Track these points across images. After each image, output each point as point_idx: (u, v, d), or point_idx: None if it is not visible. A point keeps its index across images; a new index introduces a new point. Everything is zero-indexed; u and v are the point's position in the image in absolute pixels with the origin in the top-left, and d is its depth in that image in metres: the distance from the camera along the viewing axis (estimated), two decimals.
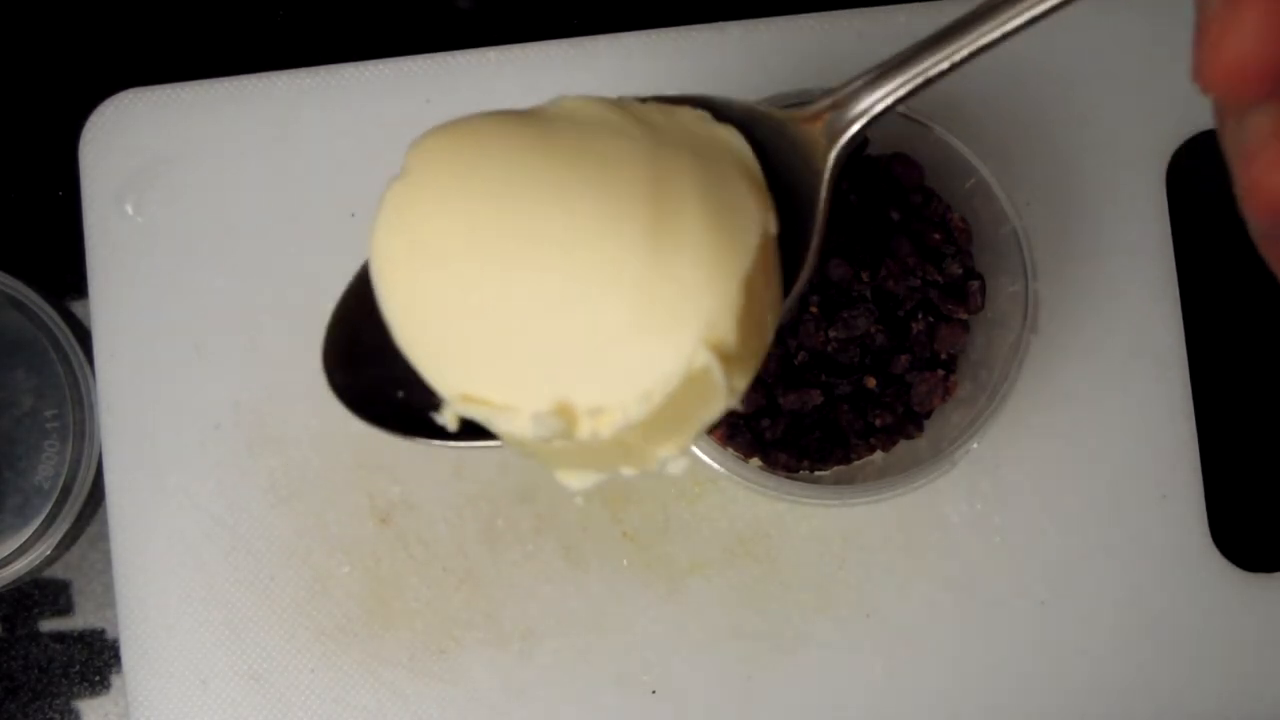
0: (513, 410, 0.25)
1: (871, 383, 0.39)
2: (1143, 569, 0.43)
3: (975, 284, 0.39)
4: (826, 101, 0.28)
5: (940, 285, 0.39)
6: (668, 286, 0.24)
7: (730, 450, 0.39)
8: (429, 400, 0.27)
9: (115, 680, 0.46)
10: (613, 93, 0.30)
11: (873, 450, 0.40)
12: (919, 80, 0.26)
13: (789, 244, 0.27)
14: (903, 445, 0.40)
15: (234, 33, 0.49)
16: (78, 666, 0.46)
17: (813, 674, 0.43)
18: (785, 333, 0.39)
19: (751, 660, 0.43)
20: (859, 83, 0.27)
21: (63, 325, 0.45)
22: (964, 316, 0.39)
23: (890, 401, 0.39)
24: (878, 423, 0.39)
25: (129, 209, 0.44)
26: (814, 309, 0.38)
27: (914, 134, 0.39)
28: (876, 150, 0.40)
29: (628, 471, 0.26)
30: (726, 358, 0.24)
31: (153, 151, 0.44)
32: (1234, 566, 0.44)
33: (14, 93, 0.48)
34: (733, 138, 0.28)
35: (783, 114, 0.28)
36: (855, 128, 0.27)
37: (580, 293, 0.24)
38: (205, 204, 0.44)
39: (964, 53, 0.25)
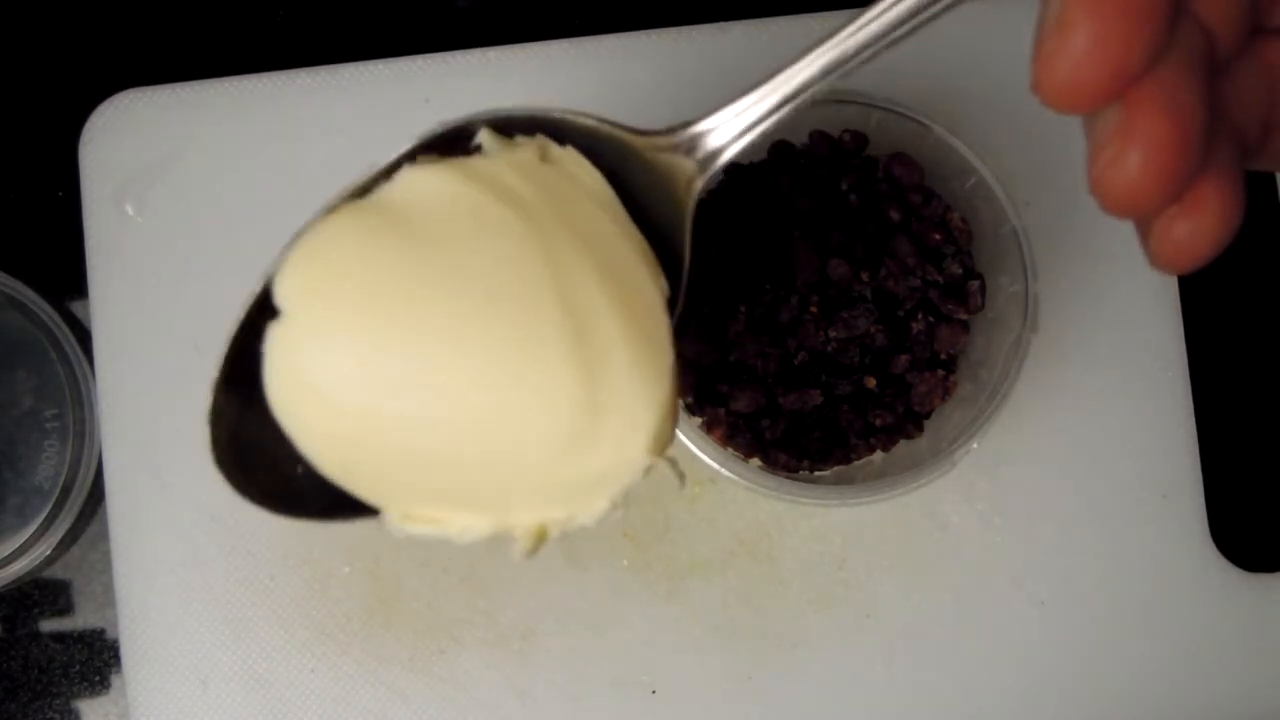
0: (470, 527, 0.26)
1: (871, 383, 0.39)
2: (1143, 569, 0.43)
3: (975, 284, 0.39)
4: (688, 133, 0.27)
5: (940, 285, 0.39)
6: (607, 407, 0.25)
7: (730, 450, 0.39)
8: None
9: (115, 680, 0.46)
10: (614, 93, 0.29)
11: (873, 450, 0.40)
12: (774, 104, 0.26)
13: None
14: (903, 445, 0.40)
15: (234, 33, 0.49)
16: (78, 666, 0.46)
17: (813, 674, 0.43)
18: (785, 333, 0.39)
19: (751, 660, 0.43)
20: (722, 114, 0.27)
21: (63, 325, 0.45)
22: (964, 316, 0.39)
23: (890, 401, 0.39)
24: (878, 423, 0.39)
25: (129, 209, 0.44)
26: (814, 309, 0.38)
27: (914, 134, 0.39)
28: (876, 150, 0.40)
29: (557, 532, 0.28)
30: (663, 445, 0.26)
31: (153, 151, 0.44)
32: (1234, 566, 0.44)
33: (14, 93, 0.48)
34: (578, 164, 0.27)
35: (632, 138, 0.27)
36: (724, 158, 0.27)
37: (517, 421, 0.25)
38: (205, 204, 0.44)
39: (804, 76, 0.26)
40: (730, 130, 0.27)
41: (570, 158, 0.27)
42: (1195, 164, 0.20)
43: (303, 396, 0.26)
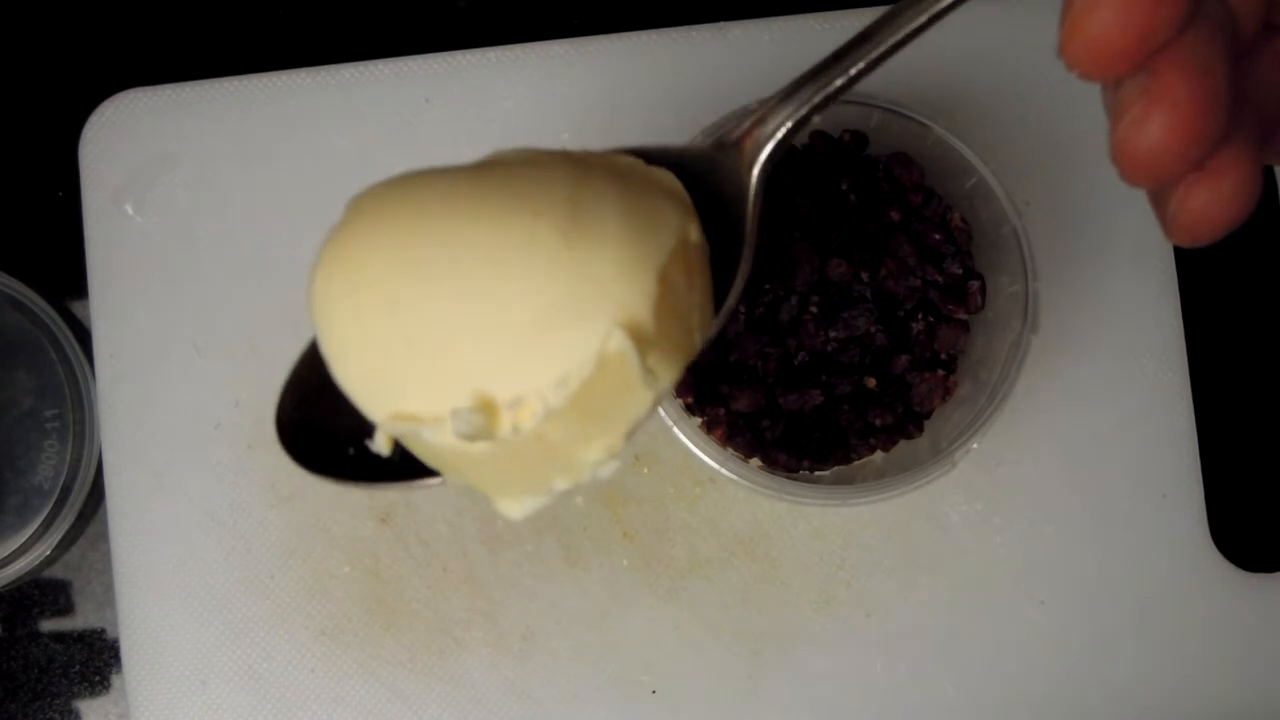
0: (438, 420, 0.25)
1: (871, 383, 0.39)
2: (1143, 569, 0.43)
3: (975, 284, 0.39)
4: (748, 123, 0.28)
5: (940, 285, 0.39)
6: (582, 278, 0.25)
7: (730, 450, 0.39)
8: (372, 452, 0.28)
9: (115, 680, 0.46)
10: (614, 93, 0.30)
11: (873, 450, 0.40)
12: (828, 91, 0.27)
13: (728, 267, 0.28)
14: (903, 445, 0.40)
15: (234, 33, 0.49)
16: (78, 666, 0.46)
17: (813, 674, 0.43)
18: (785, 333, 0.39)
19: (751, 660, 0.43)
20: (773, 100, 0.28)
21: (63, 325, 0.45)
22: (964, 316, 0.39)
23: (890, 401, 0.39)
24: (878, 423, 0.39)
25: (129, 209, 0.44)
26: (814, 309, 0.38)
27: (914, 134, 0.39)
28: (876, 150, 0.40)
29: (561, 485, 0.26)
30: (642, 341, 0.25)
31: (153, 151, 0.44)
32: (1234, 566, 0.44)
33: (14, 93, 0.48)
34: (662, 174, 0.28)
35: (706, 147, 0.29)
36: (771, 144, 0.28)
37: (497, 295, 0.25)
38: (205, 204, 0.44)
39: (864, 61, 0.26)
40: (782, 112, 0.28)
41: (658, 170, 0.29)
42: (1219, 130, 0.20)
43: (334, 289, 0.26)
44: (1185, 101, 0.20)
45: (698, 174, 0.29)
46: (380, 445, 0.27)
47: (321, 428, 0.28)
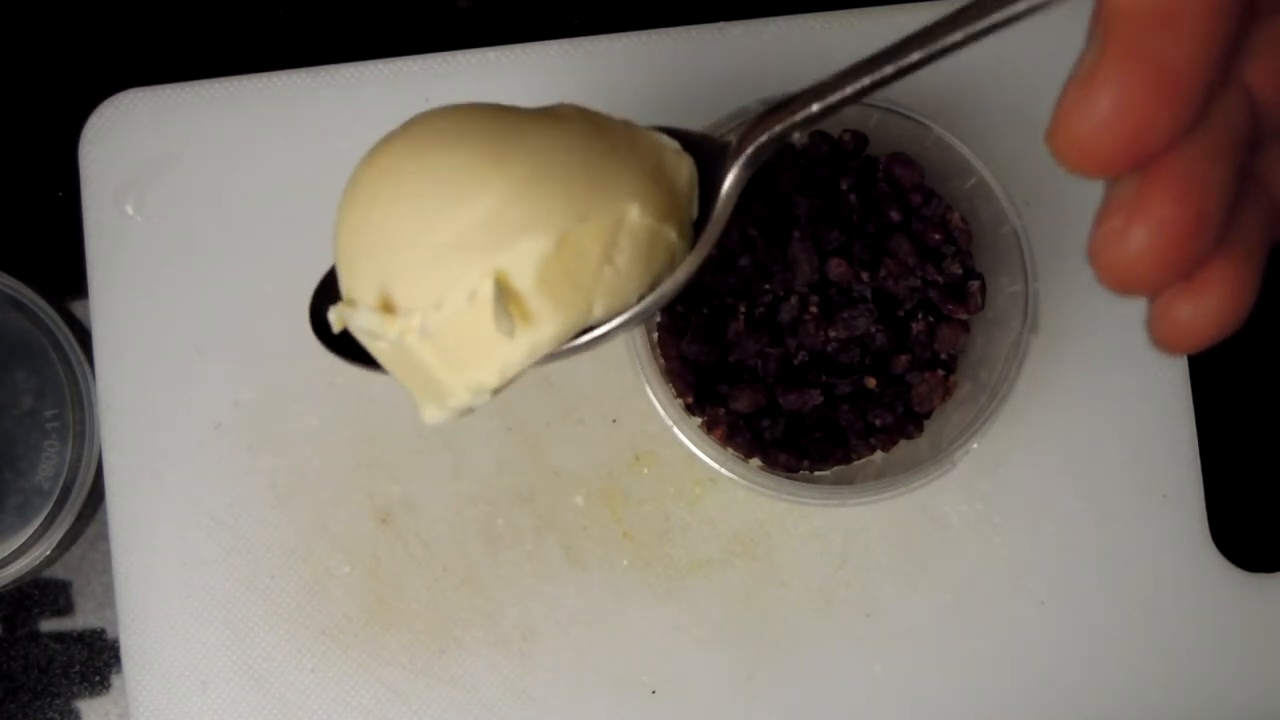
0: (363, 313, 0.28)
1: (871, 383, 0.39)
2: (1143, 569, 0.43)
3: (975, 284, 0.39)
4: (747, 124, 0.29)
5: (940, 285, 0.39)
6: (492, 219, 0.26)
7: (730, 450, 0.39)
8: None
9: (115, 680, 0.46)
10: (614, 93, 0.30)
11: (873, 450, 0.40)
12: (829, 102, 0.27)
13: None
14: (903, 445, 0.40)
15: (234, 33, 0.49)
16: (78, 666, 0.46)
17: (813, 674, 0.43)
18: (785, 333, 0.39)
19: (751, 660, 0.43)
20: (775, 102, 0.28)
21: (63, 325, 0.45)
22: (964, 316, 0.39)
23: (890, 401, 0.39)
24: (878, 423, 0.39)
25: (129, 209, 0.44)
26: (814, 309, 0.38)
27: (914, 134, 0.39)
28: (876, 150, 0.40)
29: (454, 403, 0.28)
30: (512, 296, 0.27)
31: (153, 151, 0.44)
32: (1234, 566, 0.44)
33: (14, 93, 0.48)
34: (683, 160, 0.30)
35: (725, 138, 0.30)
36: (754, 145, 0.28)
37: (438, 212, 0.27)
38: (205, 204, 0.44)
39: (866, 81, 0.27)
40: (777, 117, 0.28)
41: (681, 157, 0.30)
42: (1205, 249, 0.19)
43: (350, 188, 0.29)
44: (1170, 221, 0.18)
45: (711, 160, 0.30)
46: (332, 319, 0.29)
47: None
